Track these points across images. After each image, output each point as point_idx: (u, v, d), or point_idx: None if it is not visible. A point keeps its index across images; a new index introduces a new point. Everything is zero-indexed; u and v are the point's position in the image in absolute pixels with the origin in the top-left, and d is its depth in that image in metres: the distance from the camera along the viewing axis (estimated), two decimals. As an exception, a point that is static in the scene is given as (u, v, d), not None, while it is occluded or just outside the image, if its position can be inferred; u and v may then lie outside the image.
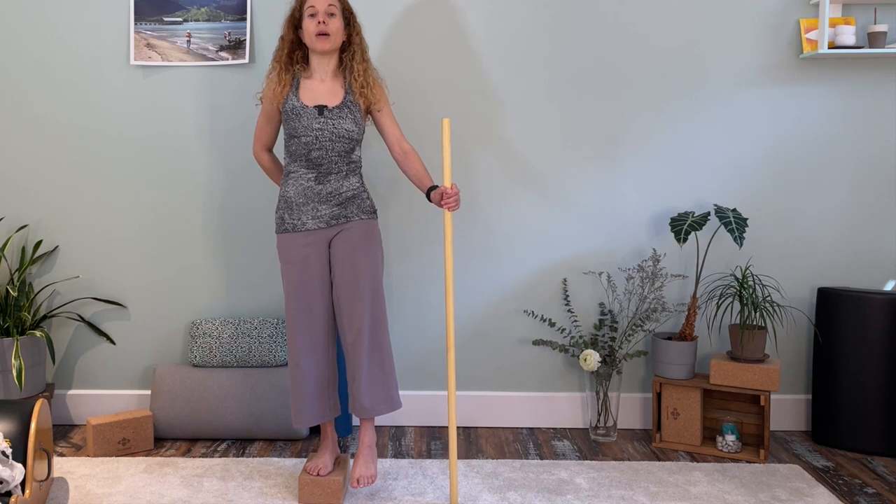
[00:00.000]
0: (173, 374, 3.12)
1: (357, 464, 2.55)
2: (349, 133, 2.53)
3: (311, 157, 2.53)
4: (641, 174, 3.21)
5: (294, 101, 2.54)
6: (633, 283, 3.22)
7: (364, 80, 2.57)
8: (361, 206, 2.58)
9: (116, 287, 3.28)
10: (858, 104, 3.17)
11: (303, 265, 2.54)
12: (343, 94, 2.56)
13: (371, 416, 2.57)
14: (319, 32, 2.49)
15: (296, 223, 2.54)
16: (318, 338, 2.57)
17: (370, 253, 2.55)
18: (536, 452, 3.02)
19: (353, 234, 2.54)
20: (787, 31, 3.15)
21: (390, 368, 2.57)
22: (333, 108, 2.53)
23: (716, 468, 2.85)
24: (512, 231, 3.24)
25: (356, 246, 2.53)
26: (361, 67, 2.57)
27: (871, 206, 3.22)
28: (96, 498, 2.57)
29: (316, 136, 2.51)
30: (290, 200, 2.55)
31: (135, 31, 3.16)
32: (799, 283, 3.25)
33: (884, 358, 2.97)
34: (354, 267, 2.52)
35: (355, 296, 2.52)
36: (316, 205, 2.53)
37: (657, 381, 3.08)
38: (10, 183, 3.25)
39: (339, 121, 2.52)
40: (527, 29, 3.16)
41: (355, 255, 2.53)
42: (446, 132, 2.44)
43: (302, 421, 2.59)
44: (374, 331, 2.54)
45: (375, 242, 2.57)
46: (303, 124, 2.51)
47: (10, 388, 2.98)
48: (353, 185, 2.57)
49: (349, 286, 2.52)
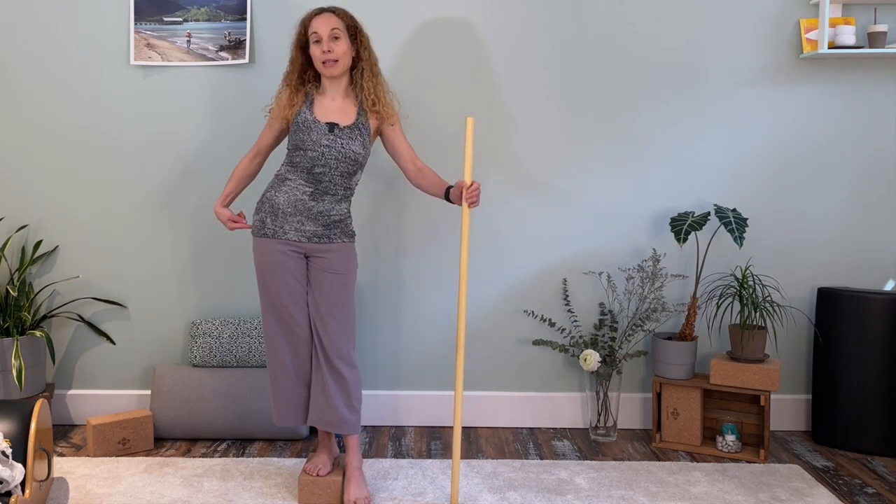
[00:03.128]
0: (173, 374, 3.12)
1: (350, 487, 2.55)
2: (355, 155, 2.53)
3: (313, 171, 2.52)
4: (641, 174, 3.21)
5: (307, 114, 2.53)
6: (633, 283, 3.22)
7: (375, 96, 2.56)
8: (345, 230, 2.59)
9: (116, 287, 3.28)
10: (858, 104, 3.17)
11: (277, 270, 2.53)
12: (355, 115, 2.56)
13: (335, 432, 2.59)
14: (325, 60, 2.49)
15: (276, 230, 2.53)
16: (298, 340, 2.57)
17: (350, 276, 2.59)
18: (536, 452, 3.02)
19: (336, 257, 2.56)
20: (787, 31, 3.15)
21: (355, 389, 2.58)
22: (344, 128, 2.52)
23: (716, 468, 2.85)
24: (512, 231, 3.24)
25: (339, 269, 2.56)
26: (371, 84, 2.56)
27: (871, 206, 3.22)
28: (96, 498, 2.57)
29: (322, 152, 2.50)
30: (276, 207, 2.54)
31: (135, 31, 3.16)
32: (799, 283, 3.25)
33: (884, 358, 2.97)
34: (334, 290, 2.55)
35: (333, 318, 2.54)
36: (303, 219, 2.53)
37: (657, 381, 3.08)
38: (10, 183, 3.25)
39: (348, 141, 2.52)
40: (527, 29, 3.16)
41: (337, 279, 2.55)
42: (469, 130, 2.44)
43: (290, 419, 2.62)
44: (346, 352, 2.56)
45: (353, 266, 2.61)
46: (312, 138, 2.50)
47: (10, 388, 2.98)
48: (342, 211, 2.58)
49: (326, 308, 2.54)
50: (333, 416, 2.55)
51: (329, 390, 2.54)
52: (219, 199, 2.70)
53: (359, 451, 2.64)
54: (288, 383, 2.59)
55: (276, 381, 2.60)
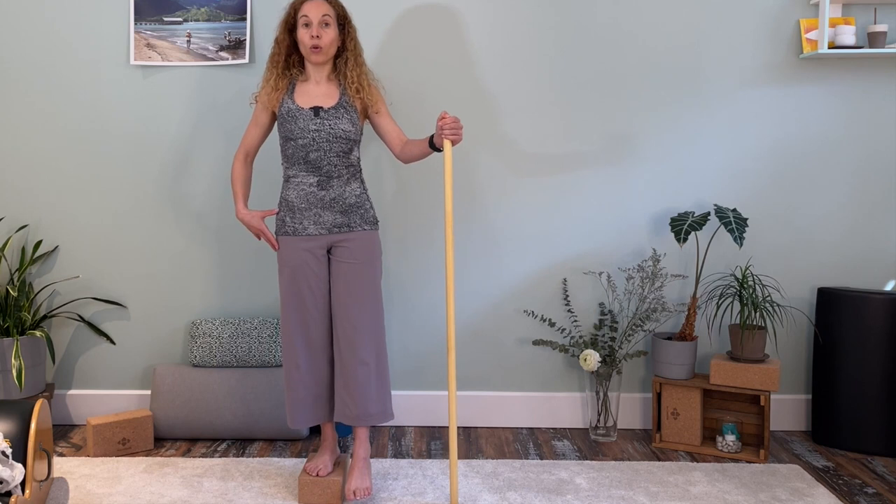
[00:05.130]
0: (173, 374, 3.12)
1: (352, 476, 2.55)
2: (346, 133, 2.53)
3: (309, 158, 2.52)
4: (641, 174, 3.21)
5: (290, 103, 2.53)
6: (633, 283, 3.21)
7: (359, 84, 2.56)
8: (365, 216, 2.57)
9: (116, 287, 3.28)
10: (858, 104, 3.17)
11: (301, 269, 2.53)
12: (339, 96, 2.56)
13: (364, 426, 2.59)
14: (313, 46, 2.49)
15: (297, 227, 2.54)
16: (317, 341, 2.57)
17: (372, 266, 2.56)
18: (536, 452, 3.02)
19: (356, 245, 2.54)
20: (787, 31, 3.15)
21: (387, 379, 2.59)
22: (329, 109, 2.52)
23: (716, 468, 2.85)
24: (512, 231, 3.24)
25: (359, 258, 2.54)
26: (355, 73, 2.56)
27: (870, 206, 3.21)
28: (96, 498, 2.57)
29: (313, 137, 2.51)
30: (291, 204, 2.55)
31: (135, 31, 3.16)
32: (799, 283, 3.25)
33: (884, 358, 2.97)
34: (357, 279, 2.53)
35: (356, 308, 2.52)
36: (319, 210, 2.53)
37: (657, 381, 3.08)
38: (10, 183, 3.25)
39: (336, 121, 2.52)
40: (527, 29, 3.16)
41: (358, 268, 2.53)
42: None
43: (300, 421, 2.60)
44: (375, 342, 2.55)
45: (377, 254, 2.58)
46: (299, 126, 2.51)
47: (10, 388, 2.98)
48: (355, 191, 2.57)
49: (350, 297, 2.53)
50: (358, 410, 2.53)
51: (353, 383, 2.52)
52: (238, 205, 2.62)
53: (367, 442, 2.62)
54: (302, 384, 2.57)
55: (290, 381, 2.59)
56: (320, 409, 2.61)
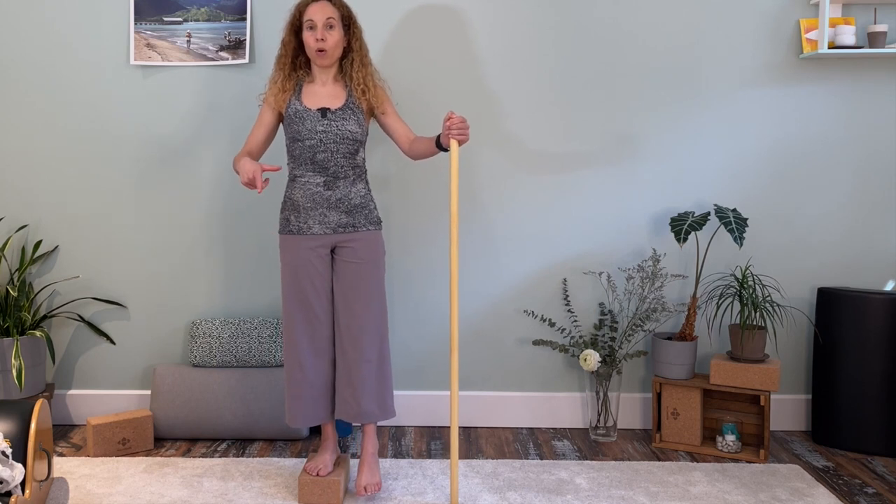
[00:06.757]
0: (173, 374, 3.12)
1: (362, 472, 2.55)
2: (353, 134, 2.53)
3: (316, 159, 2.52)
4: (641, 174, 3.21)
5: (297, 104, 2.54)
6: (633, 283, 3.21)
7: (364, 85, 2.56)
8: (369, 216, 2.58)
9: (116, 287, 3.28)
10: (858, 104, 3.17)
11: (305, 268, 2.54)
12: (345, 97, 2.56)
13: (368, 423, 2.59)
14: (318, 49, 2.49)
15: (302, 226, 2.54)
16: (320, 340, 2.57)
17: (376, 266, 2.57)
18: (536, 452, 3.02)
19: (361, 245, 2.55)
20: (787, 31, 3.15)
21: (389, 377, 2.61)
22: (336, 110, 2.53)
23: (716, 468, 2.85)
24: (512, 231, 3.24)
25: (363, 258, 2.54)
26: (361, 74, 2.57)
27: (871, 206, 3.21)
28: (96, 498, 2.57)
29: (320, 138, 2.51)
30: (297, 203, 2.55)
31: (135, 31, 3.16)
32: (799, 283, 3.25)
33: (884, 358, 2.97)
34: (361, 279, 2.54)
35: (361, 307, 2.53)
36: (324, 210, 2.53)
37: (657, 381, 3.08)
38: (10, 183, 3.25)
39: (343, 122, 2.52)
40: (527, 29, 3.16)
41: (363, 267, 2.54)
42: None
43: (302, 421, 2.60)
44: (379, 341, 2.57)
45: (380, 254, 2.59)
46: (306, 127, 2.51)
47: (10, 388, 2.98)
48: (360, 192, 2.57)
49: (355, 297, 2.53)
50: (360, 407, 2.54)
51: (357, 380, 2.53)
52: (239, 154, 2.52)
53: (375, 437, 2.63)
54: (305, 383, 2.57)
55: (292, 380, 2.59)
56: (321, 408, 2.62)
